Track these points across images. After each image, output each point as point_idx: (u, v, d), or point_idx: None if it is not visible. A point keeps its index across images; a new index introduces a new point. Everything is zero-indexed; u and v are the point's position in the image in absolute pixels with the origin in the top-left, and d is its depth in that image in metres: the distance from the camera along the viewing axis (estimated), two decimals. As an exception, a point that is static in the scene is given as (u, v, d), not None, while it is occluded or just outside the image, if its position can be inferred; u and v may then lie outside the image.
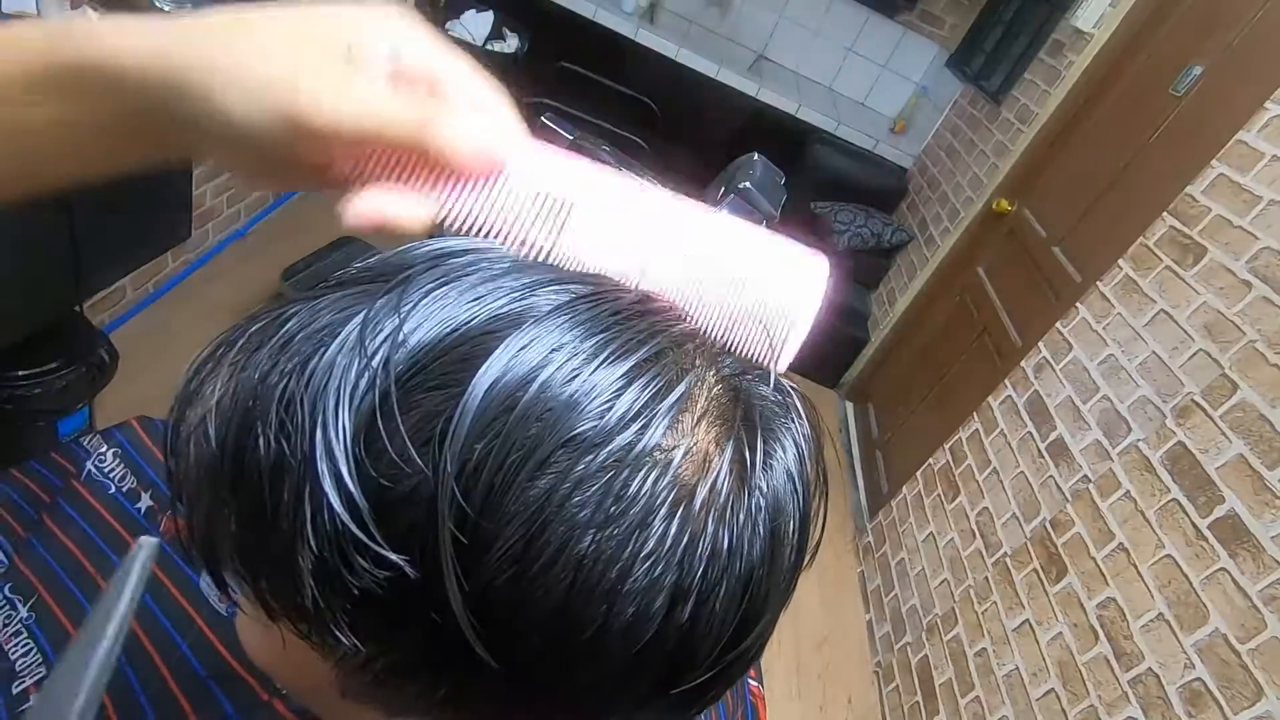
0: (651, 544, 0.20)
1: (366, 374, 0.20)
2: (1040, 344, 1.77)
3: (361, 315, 0.21)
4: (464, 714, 0.23)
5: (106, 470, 0.53)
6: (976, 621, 1.63)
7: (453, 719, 0.24)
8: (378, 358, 0.20)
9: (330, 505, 0.19)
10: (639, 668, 0.21)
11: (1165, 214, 1.52)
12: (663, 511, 0.20)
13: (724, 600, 0.22)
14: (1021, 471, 1.68)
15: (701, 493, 0.21)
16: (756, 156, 1.56)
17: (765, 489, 0.23)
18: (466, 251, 0.24)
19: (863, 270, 3.01)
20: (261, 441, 0.21)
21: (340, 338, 0.21)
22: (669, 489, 0.21)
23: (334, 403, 0.20)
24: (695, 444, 0.22)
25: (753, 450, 0.23)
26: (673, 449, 0.21)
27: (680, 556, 0.21)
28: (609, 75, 2.85)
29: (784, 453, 0.24)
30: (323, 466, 0.19)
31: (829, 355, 2.91)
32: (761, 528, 0.23)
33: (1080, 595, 1.38)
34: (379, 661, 0.22)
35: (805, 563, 0.25)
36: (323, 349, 0.21)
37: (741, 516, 0.22)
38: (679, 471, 0.21)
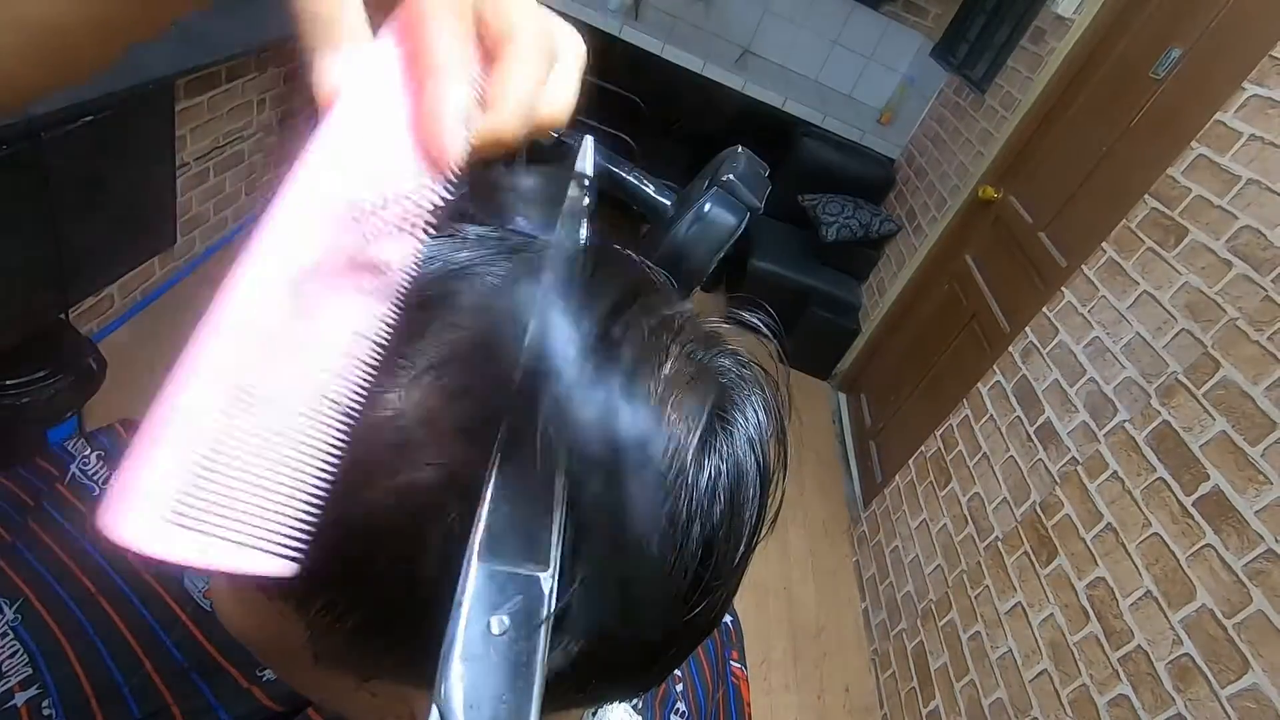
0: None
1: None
2: (1027, 329, 1.78)
3: None
4: (430, 678, 0.24)
5: (90, 473, 0.54)
6: (970, 606, 1.65)
7: (414, 681, 0.24)
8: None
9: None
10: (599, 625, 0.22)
11: (1147, 196, 1.53)
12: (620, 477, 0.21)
13: (681, 565, 0.22)
14: (1011, 456, 1.69)
15: (663, 458, 0.22)
16: (740, 149, 1.56)
17: (726, 455, 0.23)
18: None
19: (852, 261, 3.02)
20: None
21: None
22: (631, 452, 0.21)
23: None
24: (662, 408, 0.22)
25: (715, 417, 0.24)
26: (630, 412, 0.22)
27: (641, 519, 0.21)
28: (594, 73, 2.83)
29: (745, 421, 0.25)
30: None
31: (821, 347, 2.92)
32: (722, 493, 0.23)
33: (1070, 576, 1.39)
34: (350, 618, 0.22)
35: (766, 530, 0.26)
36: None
37: (703, 481, 0.23)
38: (645, 435, 0.22)
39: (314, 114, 0.20)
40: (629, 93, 2.88)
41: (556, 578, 0.20)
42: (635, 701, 0.40)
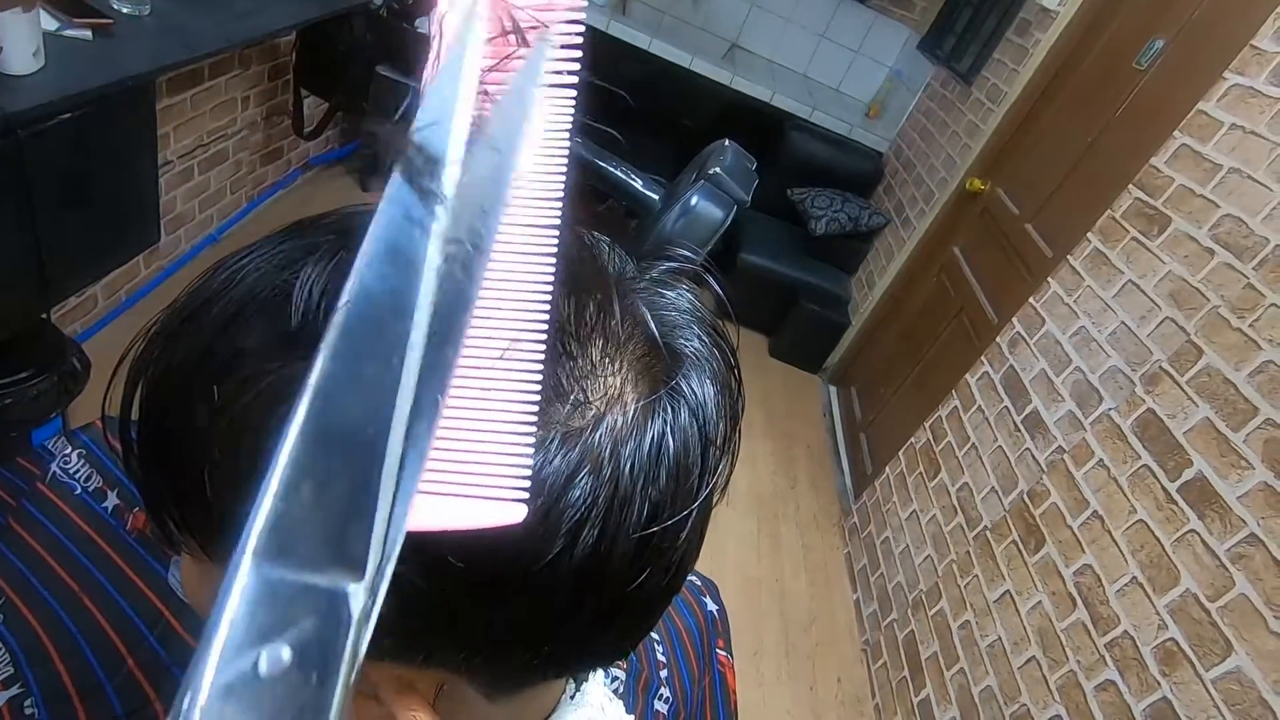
0: (555, 465, 0.21)
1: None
2: (1014, 320, 1.79)
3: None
4: (383, 648, 0.24)
5: (72, 471, 0.53)
6: (959, 595, 1.66)
7: (371, 654, 0.24)
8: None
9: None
10: (543, 586, 0.22)
11: (1131, 186, 1.54)
12: (562, 438, 0.21)
13: (627, 525, 0.22)
14: (999, 446, 1.70)
15: (605, 420, 0.22)
16: (727, 143, 1.57)
17: (669, 420, 0.23)
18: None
19: (841, 255, 3.03)
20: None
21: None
22: (571, 414, 0.21)
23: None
24: (605, 373, 0.22)
25: (662, 384, 0.24)
26: (583, 378, 0.22)
27: (581, 483, 0.21)
28: (581, 68, 2.84)
29: (693, 391, 0.24)
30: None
31: (811, 340, 2.93)
32: (667, 458, 0.23)
33: (1058, 564, 1.40)
34: None
35: (717, 498, 0.26)
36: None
37: (647, 444, 0.22)
38: (588, 400, 0.22)
39: None
40: (616, 87, 2.87)
41: (375, 591, 0.15)
42: (616, 685, 0.40)
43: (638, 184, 1.70)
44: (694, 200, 1.31)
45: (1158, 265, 1.41)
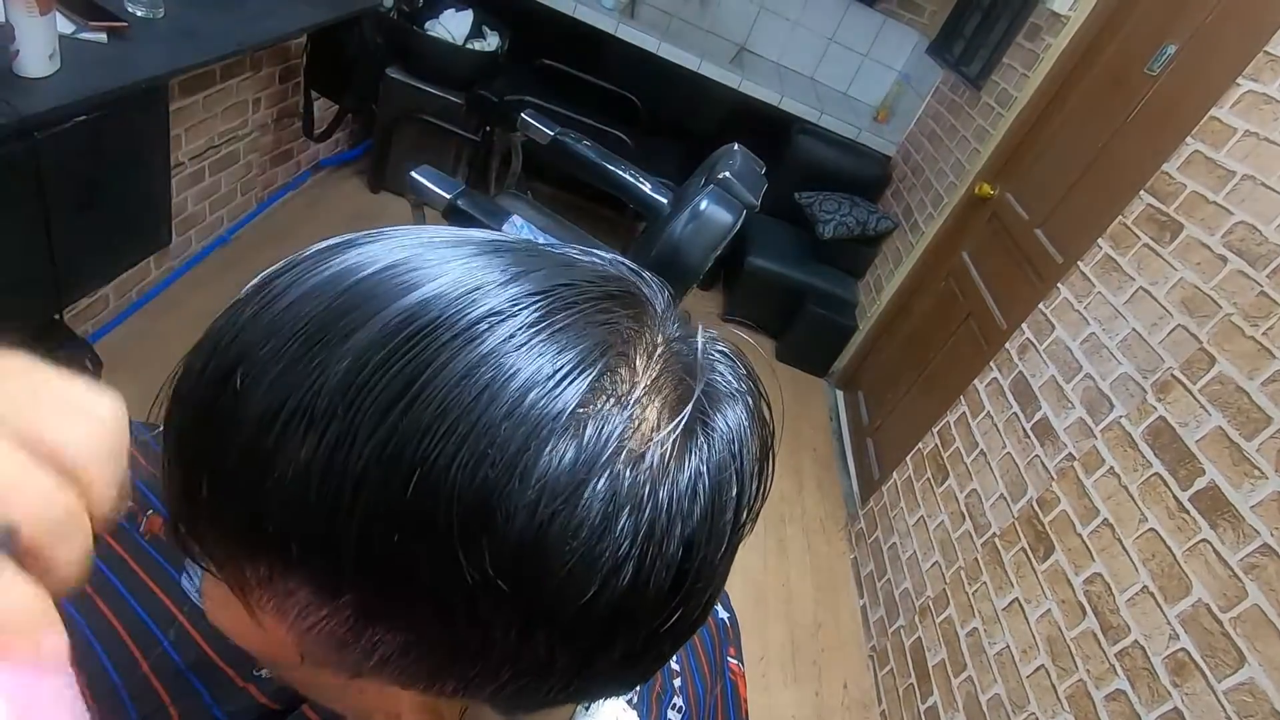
0: (596, 507, 0.21)
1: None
2: (1024, 325, 1.78)
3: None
4: (412, 676, 0.24)
5: None
6: (967, 602, 1.65)
7: (398, 680, 0.24)
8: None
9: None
10: (579, 625, 0.22)
11: (1142, 192, 1.54)
12: (603, 479, 0.21)
13: (662, 564, 0.22)
14: (1008, 452, 1.69)
15: (644, 460, 0.22)
16: (736, 147, 1.57)
17: (706, 457, 0.23)
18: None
19: (849, 259, 3.02)
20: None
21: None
22: (612, 457, 0.21)
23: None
24: (639, 411, 0.22)
25: (697, 421, 0.24)
26: (614, 415, 0.22)
27: (620, 525, 0.21)
28: (590, 71, 2.85)
29: (729, 426, 0.24)
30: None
31: (818, 344, 2.92)
32: (702, 494, 0.23)
33: (1067, 572, 1.39)
34: (327, 623, 0.22)
35: (747, 530, 0.26)
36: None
37: (683, 481, 0.22)
38: (622, 439, 0.21)
39: None
40: (625, 91, 2.88)
41: None
42: (630, 696, 0.40)
43: (646, 187, 1.70)
44: (703, 205, 1.31)
45: (1169, 272, 1.40)
